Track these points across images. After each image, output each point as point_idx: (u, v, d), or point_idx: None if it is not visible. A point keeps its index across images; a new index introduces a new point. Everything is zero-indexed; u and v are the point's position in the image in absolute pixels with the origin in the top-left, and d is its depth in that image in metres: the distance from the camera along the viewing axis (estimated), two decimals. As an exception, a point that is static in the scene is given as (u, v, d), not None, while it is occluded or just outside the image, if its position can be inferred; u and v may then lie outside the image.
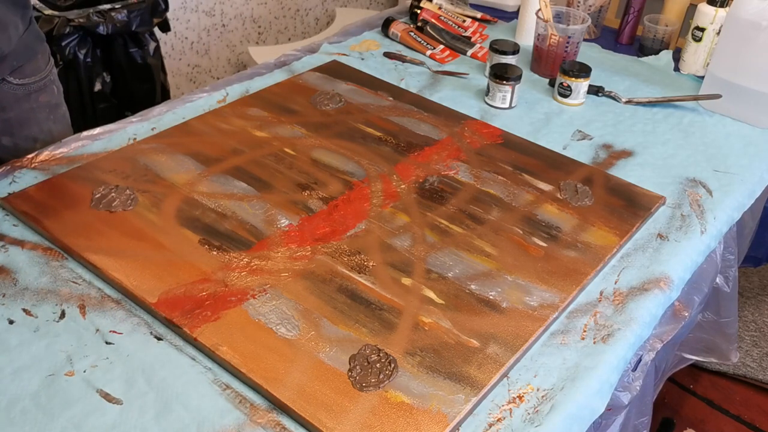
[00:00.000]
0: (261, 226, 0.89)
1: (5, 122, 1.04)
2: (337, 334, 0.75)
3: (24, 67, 1.02)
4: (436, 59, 1.38)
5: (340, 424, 0.65)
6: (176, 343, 0.74)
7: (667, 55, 1.43)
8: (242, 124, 1.10)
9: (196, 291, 0.78)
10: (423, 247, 0.88)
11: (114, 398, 0.68)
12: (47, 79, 1.07)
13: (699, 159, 1.11)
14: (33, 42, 1.04)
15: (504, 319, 0.78)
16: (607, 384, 0.74)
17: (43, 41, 1.07)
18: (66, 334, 0.74)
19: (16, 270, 0.81)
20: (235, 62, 2.43)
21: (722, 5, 1.28)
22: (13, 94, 1.02)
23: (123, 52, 1.74)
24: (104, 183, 0.94)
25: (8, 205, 0.89)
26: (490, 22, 1.57)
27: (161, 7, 1.76)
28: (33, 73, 1.04)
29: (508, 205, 0.96)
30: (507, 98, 1.21)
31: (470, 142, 1.10)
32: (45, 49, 1.08)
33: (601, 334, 0.79)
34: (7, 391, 0.68)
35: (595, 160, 1.10)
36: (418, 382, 0.70)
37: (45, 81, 1.07)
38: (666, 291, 0.86)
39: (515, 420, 0.69)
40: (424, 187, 0.99)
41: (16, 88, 1.02)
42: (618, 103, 1.27)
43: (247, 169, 0.99)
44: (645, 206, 0.98)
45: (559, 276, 0.85)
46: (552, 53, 1.32)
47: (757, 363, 1.71)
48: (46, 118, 1.08)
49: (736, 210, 1.03)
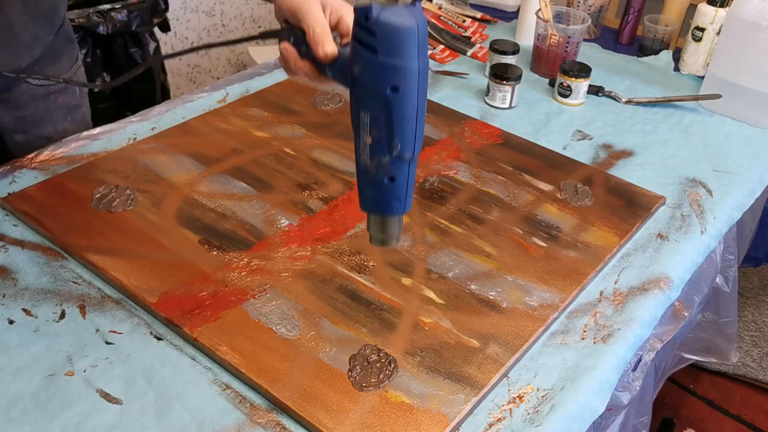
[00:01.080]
0: (261, 226, 0.89)
1: (19, 120, 1.01)
2: (337, 334, 0.75)
3: (45, 69, 0.99)
4: (436, 59, 1.38)
5: (340, 424, 0.65)
6: (176, 343, 0.74)
7: (667, 55, 1.43)
8: (242, 124, 1.10)
9: (196, 291, 0.78)
10: (423, 247, 0.88)
11: (114, 398, 0.68)
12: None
13: (699, 159, 1.11)
14: (61, 45, 1.01)
15: (504, 319, 0.78)
16: (607, 384, 0.74)
17: (72, 43, 1.05)
18: (66, 334, 0.74)
19: (16, 270, 0.81)
20: (235, 62, 2.43)
21: (722, 5, 1.28)
22: (30, 93, 1.00)
23: (123, 52, 1.74)
24: (104, 183, 0.94)
25: (8, 205, 0.89)
26: (490, 22, 1.57)
27: (161, 7, 1.76)
28: (55, 74, 1.01)
29: (508, 205, 0.96)
30: (507, 98, 1.21)
31: (470, 142, 1.10)
32: (72, 51, 1.05)
33: (601, 334, 0.79)
34: (7, 391, 0.68)
35: (595, 160, 1.10)
36: (418, 382, 0.70)
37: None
38: (666, 291, 0.86)
39: (515, 420, 0.69)
40: (424, 187, 0.99)
41: (34, 88, 1.00)
42: (618, 103, 1.27)
43: (247, 169, 0.99)
44: (645, 206, 0.98)
45: (559, 276, 0.85)
46: (552, 53, 1.32)
47: (757, 363, 1.71)
48: (62, 119, 1.06)
49: (736, 210, 1.03)
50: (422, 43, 0.52)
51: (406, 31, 0.50)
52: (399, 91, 0.52)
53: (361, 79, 0.54)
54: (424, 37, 0.52)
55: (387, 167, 0.56)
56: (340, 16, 0.65)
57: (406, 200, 0.60)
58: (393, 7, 0.51)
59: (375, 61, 0.51)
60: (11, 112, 1.00)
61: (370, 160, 0.56)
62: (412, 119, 0.54)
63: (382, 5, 0.52)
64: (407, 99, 0.53)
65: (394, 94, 0.52)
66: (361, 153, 0.57)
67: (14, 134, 1.03)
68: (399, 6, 0.51)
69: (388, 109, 0.53)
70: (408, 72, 0.51)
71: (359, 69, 0.54)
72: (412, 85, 0.52)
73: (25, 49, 0.94)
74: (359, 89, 0.55)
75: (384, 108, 0.53)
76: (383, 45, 0.51)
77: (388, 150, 0.55)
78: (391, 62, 0.51)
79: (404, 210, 0.61)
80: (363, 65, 0.53)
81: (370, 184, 0.58)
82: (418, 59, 0.52)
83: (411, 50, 0.51)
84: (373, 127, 0.54)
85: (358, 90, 0.55)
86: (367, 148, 0.56)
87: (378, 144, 0.55)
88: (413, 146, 0.56)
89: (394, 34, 0.50)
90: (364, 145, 0.56)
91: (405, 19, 0.50)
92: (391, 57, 0.51)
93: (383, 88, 0.52)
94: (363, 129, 0.55)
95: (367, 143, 0.56)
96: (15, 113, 1.01)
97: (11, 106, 1.00)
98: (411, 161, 0.57)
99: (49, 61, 1.00)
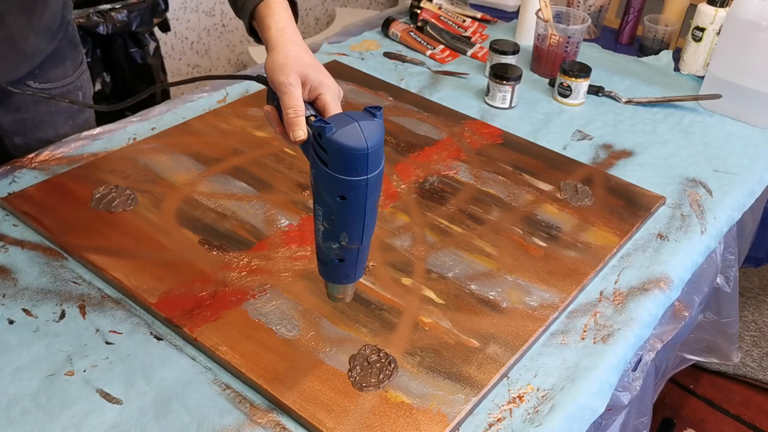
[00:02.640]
0: (261, 226, 0.89)
1: (20, 122, 1.01)
2: (337, 334, 0.75)
3: (47, 73, 0.99)
4: (436, 59, 1.38)
5: (340, 424, 0.65)
6: (176, 343, 0.74)
7: (667, 55, 1.43)
8: (242, 124, 1.10)
9: (196, 291, 0.78)
10: (423, 247, 0.88)
11: (114, 398, 0.68)
12: (72, 85, 1.04)
13: (699, 159, 1.11)
14: (64, 49, 1.00)
15: (504, 319, 0.78)
16: (607, 384, 0.74)
17: (76, 46, 1.04)
18: (66, 334, 0.74)
19: (16, 270, 0.81)
20: (235, 62, 2.43)
21: (722, 5, 1.28)
22: (31, 97, 0.99)
23: (123, 52, 1.74)
24: (104, 183, 0.94)
25: (8, 205, 0.89)
26: (490, 22, 1.57)
27: (161, 7, 1.76)
28: (57, 78, 1.01)
29: (508, 205, 0.96)
30: (507, 98, 1.21)
31: (470, 142, 1.10)
32: (77, 55, 1.04)
33: (601, 334, 0.79)
34: (7, 391, 0.68)
35: (595, 160, 1.10)
36: (418, 382, 0.70)
37: (69, 87, 1.03)
38: (666, 291, 0.86)
39: (515, 420, 0.69)
40: (424, 187, 0.99)
41: (35, 91, 0.98)
42: (618, 103, 1.27)
43: (247, 169, 0.99)
44: (645, 206, 0.98)
45: (559, 276, 0.85)
46: (552, 53, 1.32)
47: (757, 363, 1.71)
48: (63, 123, 1.05)
49: (737, 210, 1.03)
50: (373, 159, 0.56)
51: (355, 154, 0.54)
52: (346, 199, 0.57)
53: (315, 181, 0.59)
54: (376, 153, 0.56)
55: (337, 251, 0.61)
56: (319, 94, 0.66)
57: (355, 275, 0.65)
58: (347, 126, 0.54)
59: (326, 173, 0.56)
60: (11, 115, 1.00)
61: (323, 243, 0.62)
62: (359, 221, 0.59)
63: (340, 121, 0.55)
64: (354, 206, 0.57)
65: (342, 202, 0.57)
66: (316, 234, 0.62)
67: (13, 137, 1.02)
68: (353, 126, 0.54)
69: (337, 212, 0.58)
70: (355, 185, 0.56)
71: (315, 173, 0.58)
72: (359, 196, 0.57)
73: (26, 60, 0.94)
74: (315, 188, 0.59)
75: (333, 211, 0.58)
76: (333, 162, 0.55)
77: (337, 240, 0.60)
78: (340, 177, 0.56)
79: (353, 280, 0.66)
80: (316, 172, 0.58)
81: (323, 259, 0.64)
82: (368, 173, 0.56)
83: (360, 168, 0.55)
84: (325, 220, 0.59)
85: (314, 188, 0.59)
86: (320, 232, 0.61)
87: (328, 233, 0.60)
88: (361, 239, 0.60)
89: (344, 155, 0.54)
90: (318, 229, 0.61)
91: (356, 141, 0.54)
92: (340, 173, 0.55)
93: (333, 196, 0.57)
94: (317, 218, 0.60)
95: (320, 230, 0.61)
96: (15, 116, 1.00)
97: (11, 109, 0.99)
98: (360, 247, 0.62)
99: (52, 65, 0.99)
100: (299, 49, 0.68)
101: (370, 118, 0.56)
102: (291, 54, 0.66)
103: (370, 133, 0.55)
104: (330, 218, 0.59)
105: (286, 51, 0.67)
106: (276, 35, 0.68)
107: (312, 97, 0.67)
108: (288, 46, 0.67)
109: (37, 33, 0.92)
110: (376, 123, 0.56)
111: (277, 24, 0.69)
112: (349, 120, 0.55)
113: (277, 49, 0.67)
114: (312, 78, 0.66)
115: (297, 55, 0.67)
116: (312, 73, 0.66)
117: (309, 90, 0.66)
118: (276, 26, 0.69)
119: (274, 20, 0.69)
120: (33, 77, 0.97)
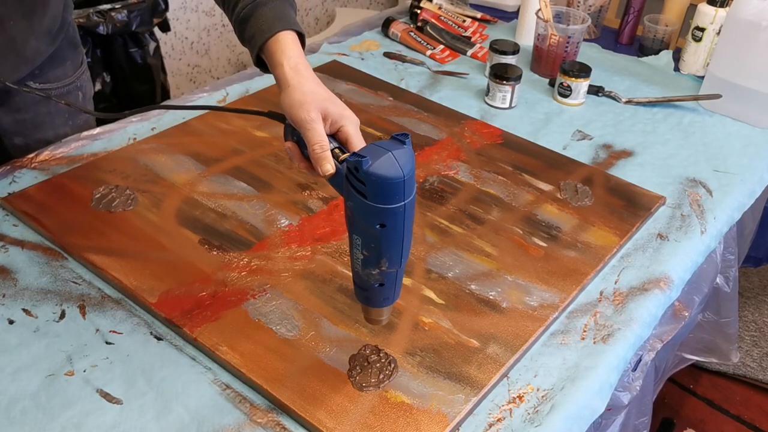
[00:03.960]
0: (261, 226, 0.89)
1: (19, 123, 1.01)
2: (337, 334, 0.75)
3: (47, 74, 0.99)
4: (436, 59, 1.38)
5: (340, 424, 0.65)
6: (176, 343, 0.74)
7: (667, 55, 1.43)
8: (242, 124, 1.10)
9: (196, 291, 0.78)
10: (423, 247, 0.88)
11: (114, 398, 0.68)
12: (72, 85, 1.04)
13: (699, 159, 1.11)
14: (64, 50, 1.00)
15: (504, 319, 0.78)
16: (607, 384, 0.74)
17: (76, 47, 1.03)
18: (66, 334, 0.74)
19: (16, 270, 0.81)
20: (235, 62, 2.43)
21: (722, 5, 1.28)
22: (31, 97, 0.99)
23: (123, 52, 1.73)
24: (104, 183, 0.94)
25: (8, 205, 0.89)
26: (490, 22, 1.57)
27: (161, 7, 1.76)
28: (57, 79, 1.00)
29: (508, 205, 0.96)
30: (507, 98, 1.21)
31: (470, 142, 1.10)
32: (77, 56, 1.04)
33: (601, 334, 0.79)
34: (7, 391, 0.68)
35: (595, 160, 1.10)
36: (418, 382, 0.70)
37: (69, 87, 1.03)
38: (666, 291, 0.86)
39: (515, 420, 0.69)
40: (424, 187, 0.99)
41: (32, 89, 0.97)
42: (618, 103, 1.27)
43: (247, 169, 0.99)
44: (645, 206, 0.98)
45: (559, 276, 0.85)
46: (552, 53, 1.32)
47: (757, 363, 1.71)
48: (63, 124, 1.05)
49: (736, 210, 1.03)
50: (408, 186, 0.58)
51: (393, 183, 0.56)
52: (386, 226, 0.59)
53: (353, 213, 0.60)
54: (411, 179, 0.58)
55: (377, 277, 0.63)
56: (340, 126, 0.67)
57: (393, 296, 0.67)
58: (382, 158, 0.56)
59: (365, 204, 0.58)
60: (11, 115, 1.00)
61: (362, 270, 0.63)
62: (398, 244, 0.61)
63: (373, 153, 0.57)
64: (393, 232, 0.59)
65: (381, 229, 0.59)
66: (354, 262, 0.64)
67: (13, 137, 1.02)
68: (387, 156, 0.56)
69: (377, 239, 0.60)
70: (394, 212, 0.58)
71: (352, 205, 0.60)
72: (398, 222, 0.59)
73: (26, 62, 0.93)
74: (352, 219, 0.61)
75: (373, 238, 0.60)
76: (372, 193, 0.57)
77: (377, 266, 0.62)
78: (379, 206, 0.58)
79: (393, 302, 0.67)
80: (355, 204, 0.59)
81: (363, 286, 0.65)
82: (404, 199, 0.58)
83: (397, 196, 0.57)
84: (364, 248, 0.61)
85: (351, 219, 0.61)
86: (359, 261, 0.63)
87: (368, 260, 0.62)
88: (400, 261, 0.62)
89: (382, 185, 0.57)
90: (356, 258, 0.63)
91: (392, 171, 0.56)
92: (379, 203, 0.57)
93: (372, 225, 0.59)
94: (356, 247, 0.62)
95: (359, 258, 0.63)
96: (15, 116, 1.00)
97: (11, 109, 0.99)
98: (398, 269, 0.64)
99: (52, 65, 0.99)
100: (314, 85, 0.68)
101: (400, 146, 0.58)
102: (307, 90, 0.67)
103: (404, 161, 0.57)
104: (369, 246, 0.61)
105: (302, 88, 0.67)
106: (290, 73, 0.69)
107: (333, 130, 0.68)
108: (303, 83, 0.68)
109: (38, 36, 0.92)
110: (407, 150, 0.58)
111: (289, 61, 0.69)
112: (381, 151, 0.57)
113: (292, 87, 0.68)
114: (332, 112, 0.67)
115: (313, 90, 0.67)
116: (331, 107, 0.67)
117: (330, 123, 0.67)
118: (288, 63, 0.69)
119: (286, 57, 0.70)
120: (33, 78, 0.97)
